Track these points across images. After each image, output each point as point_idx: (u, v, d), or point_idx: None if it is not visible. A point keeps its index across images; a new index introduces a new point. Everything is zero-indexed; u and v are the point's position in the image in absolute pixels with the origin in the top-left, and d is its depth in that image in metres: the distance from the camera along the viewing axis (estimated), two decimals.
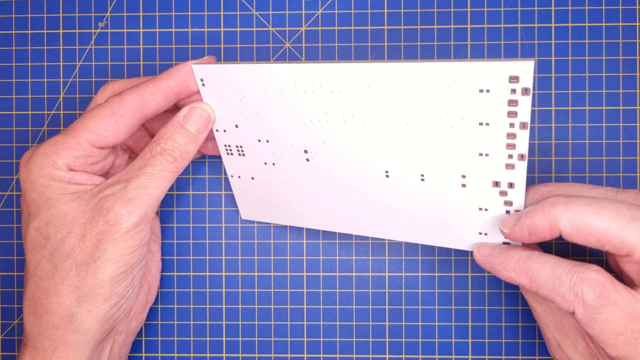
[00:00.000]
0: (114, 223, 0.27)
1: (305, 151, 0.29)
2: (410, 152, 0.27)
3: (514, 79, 0.23)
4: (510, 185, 0.26)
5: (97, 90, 0.34)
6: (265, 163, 0.31)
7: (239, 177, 0.32)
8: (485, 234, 0.28)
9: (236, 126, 0.30)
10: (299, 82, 0.27)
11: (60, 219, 0.27)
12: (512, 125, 0.24)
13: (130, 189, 0.27)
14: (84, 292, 0.27)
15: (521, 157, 0.25)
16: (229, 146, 0.31)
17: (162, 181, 0.28)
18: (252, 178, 0.32)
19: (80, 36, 0.34)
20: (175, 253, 0.35)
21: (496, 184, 0.26)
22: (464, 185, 0.27)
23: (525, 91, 0.23)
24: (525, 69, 0.23)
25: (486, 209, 0.27)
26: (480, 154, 0.26)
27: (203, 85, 0.29)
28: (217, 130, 0.31)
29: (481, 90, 0.24)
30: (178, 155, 0.28)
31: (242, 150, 0.31)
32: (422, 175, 0.28)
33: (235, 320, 0.34)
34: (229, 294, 0.34)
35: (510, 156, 0.25)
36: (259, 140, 0.30)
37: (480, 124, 0.25)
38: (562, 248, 0.33)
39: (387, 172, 0.28)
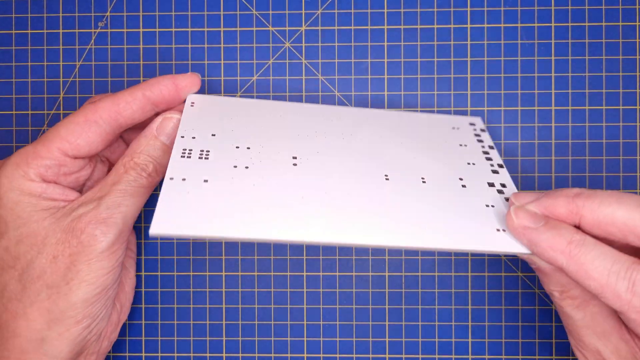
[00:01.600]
0: (88, 244, 0.26)
1: (294, 157, 0.28)
2: (408, 161, 0.29)
3: (472, 124, 0.33)
4: (503, 185, 0.29)
5: (97, 90, 0.34)
6: (235, 167, 0.27)
7: (184, 179, 0.25)
8: (503, 230, 0.26)
9: (213, 135, 0.28)
10: (299, 113, 0.31)
11: (31, 238, 0.26)
12: (483, 147, 0.31)
13: (103, 208, 0.26)
14: (54, 315, 0.26)
15: (500, 166, 0.30)
16: (189, 150, 0.27)
17: (137, 197, 0.27)
18: (205, 181, 0.26)
19: (80, 36, 0.34)
20: (175, 253, 0.35)
21: (491, 184, 0.29)
22: (464, 186, 0.28)
23: (482, 130, 0.32)
24: (477, 121, 0.33)
25: (492, 205, 0.28)
26: (469, 163, 0.30)
27: (192, 106, 0.29)
28: (182, 137, 0.27)
29: (454, 128, 0.32)
30: (152, 170, 0.27)
31: (207, 154, 0.27)
32: (423, 178, 0.28)
33: (235, 320, 0.34)
34: (229, 294, 0.34)
35: (492, 165, 0.30)
36: (237, 147, 0.28)
37: (460, 145, 0.31)
38: None
39: (386, 175, 0.28)
